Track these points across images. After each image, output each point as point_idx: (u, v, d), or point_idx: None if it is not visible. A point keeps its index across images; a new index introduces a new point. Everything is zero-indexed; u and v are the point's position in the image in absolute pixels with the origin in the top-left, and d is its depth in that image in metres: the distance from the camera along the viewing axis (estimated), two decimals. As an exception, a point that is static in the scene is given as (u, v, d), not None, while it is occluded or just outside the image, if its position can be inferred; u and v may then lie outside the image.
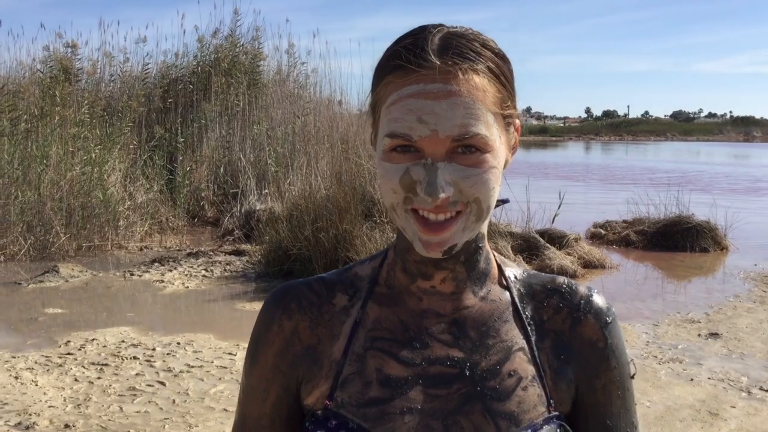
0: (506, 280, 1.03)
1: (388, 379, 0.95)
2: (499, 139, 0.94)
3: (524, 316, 1.01)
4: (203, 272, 8.25)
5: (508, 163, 0.98)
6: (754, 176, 25.34)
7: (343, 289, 1.03)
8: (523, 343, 0.99)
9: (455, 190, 0.90)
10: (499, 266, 1.04)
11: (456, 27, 0.95)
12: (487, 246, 1.02)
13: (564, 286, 1.04)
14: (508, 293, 1.02)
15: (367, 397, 0.95)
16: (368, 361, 0.97)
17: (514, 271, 1.05)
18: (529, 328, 1.00)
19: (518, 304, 1.01)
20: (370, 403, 0.94)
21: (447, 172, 0.89)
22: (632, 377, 1.06)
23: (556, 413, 0.97)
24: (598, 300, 1.03)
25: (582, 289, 1.04)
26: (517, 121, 0.99)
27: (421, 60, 0.89)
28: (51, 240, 9.27)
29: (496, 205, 0.99)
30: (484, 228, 1.00)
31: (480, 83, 0.91)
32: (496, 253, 1.05)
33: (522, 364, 0.98)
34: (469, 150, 0.90)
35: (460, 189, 0.90)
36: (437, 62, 0.89)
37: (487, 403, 0.95)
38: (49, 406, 4.35)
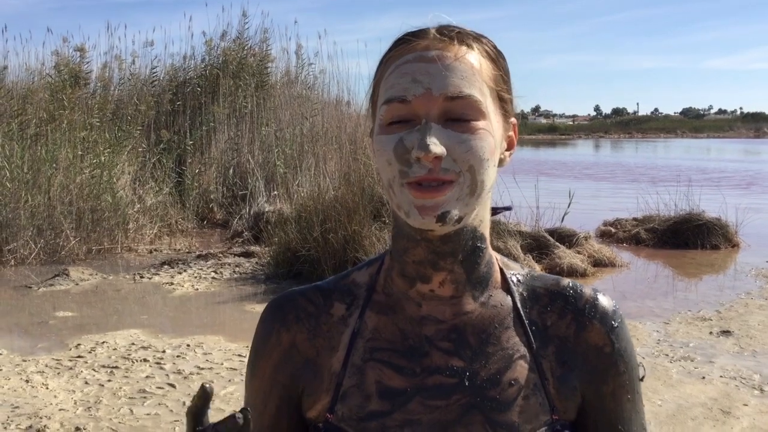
0: (508, 283, 1.00)
1: (387, 391, 0.94)
2: (494, 113, 0.93)
3: (526, 321, 0.98)
4: (213, 274, 8.26)
5: (505, 161, 0.97)
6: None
7: (341, 298, 1.01)
8: (524, 350, 0.96)
9: (449, 157, 0.88)
10: (501, 270, 1.01)
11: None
12: (489, 250, 0.99)
13: (569, 289, 1.01)
14: (510, 298, 0.99)
15: (367, 411, 0.93)
16: (367, 373, 0.95)
17: (517, 273, 1.02)
18: (531, 334, 0.97)
19: (520, 308, 0.98)
20: (371, 416, 0.93)
21: (441, 134, 0.88)
22: (641, 380, 1.02)
23: (561, 422, 0.95)
24: (604, 303, 1.00)
25: (587, 291, 1.01)
26: (514, 119, 0.99)
27: (420, 33, 0.94)
28: (61, 243, 9.31)
29: (499, 211, 0.97)
30: (486, 230, 0.98)
31: (476, 58, 0.93)
32: (498, 255, 1.03)
33: (523, 372, 0.95)
34: (462, 118, 0.90)
35: (453, 156, 0.88)
36: (436, 34, 0.93)
37: (488, 413, 0.92)
38: (60, 410, 4.36)
